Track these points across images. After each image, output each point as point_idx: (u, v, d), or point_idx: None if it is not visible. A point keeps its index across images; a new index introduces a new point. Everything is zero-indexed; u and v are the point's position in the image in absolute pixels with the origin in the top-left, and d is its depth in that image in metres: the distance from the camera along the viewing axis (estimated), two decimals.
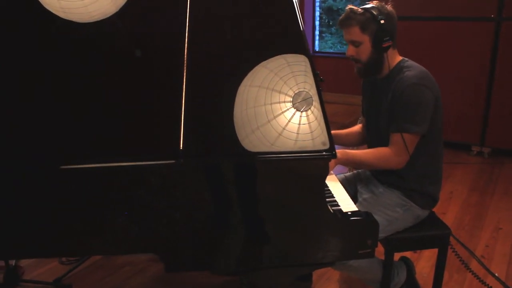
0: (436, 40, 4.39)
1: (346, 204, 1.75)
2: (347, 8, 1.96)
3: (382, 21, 1.90)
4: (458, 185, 3.80)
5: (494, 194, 3.64)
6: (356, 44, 1.96)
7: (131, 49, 1.52)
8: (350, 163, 2.05)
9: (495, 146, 4.40)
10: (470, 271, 2.24)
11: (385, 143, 1.98)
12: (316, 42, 7.20)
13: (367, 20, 1.91)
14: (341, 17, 1.97)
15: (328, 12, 7.85)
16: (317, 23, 7.13)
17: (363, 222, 1.57)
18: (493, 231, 3.06)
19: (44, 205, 1.45)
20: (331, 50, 7.71)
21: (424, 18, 4.40)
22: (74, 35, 1.49)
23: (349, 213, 1.62)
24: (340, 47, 7.69)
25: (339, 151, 1.88)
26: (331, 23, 7.87)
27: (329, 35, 7.94)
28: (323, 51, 7.36)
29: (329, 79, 5.21)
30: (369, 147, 2.16)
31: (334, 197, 1.81)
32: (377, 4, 1.95)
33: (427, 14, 4.39)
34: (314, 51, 7.11)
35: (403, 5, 4.19)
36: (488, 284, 2.29)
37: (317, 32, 7.17)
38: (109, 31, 1.50)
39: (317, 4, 7.06)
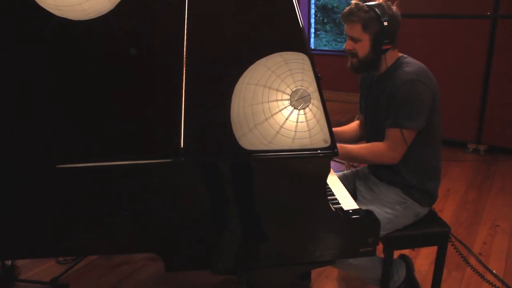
0: (432, 38, 4.39)
1: (347, 202, 1.74)
2: (352, 2, 1.93)
3: (385, 23, 1.87)
4: (455, 183, 3.80)
5: (491, 191, 3.65)
6: (355, 40, 1.94)
7: (129, 47, 1.50)
8: (345, 157, 2.03)
9: (491, 143, 4.42)
10: (471, 267, 2.24)
11: (383, 139, 1.97)
12: (312, 40, 7.19)
13: (370, 19, 1.88)
14: (345, 11, 1.93)
15: (323, 9, 7.83)
16: (312, 20, 7.12)
17: (364, 220, 1.56)
18: (490, 228, 3.06)
19: (42, 205, 1.43)
20: (326, 48, 7.69)
21: (420, 16, 4.40)
22: (71, 33, 1.47)
23: (350, 211, 1.61)
24: (335, 44, 7.67)
25: None
26: (325, 21, 7.85)
27: (324, 33, 7.92)
28: (318, 48, 7.36)
29: (324, 77, 5.19)
30: (367, 142, 2.15)
31: (334, 195, 1.80)
32: (384, 3, 1.92)
33: (423, 11, 4.39)
34: (310, 49, 7.09)
35: (399, 3, 4.18)
36: (489, 280, 2.29)
37: (312, 30, 7.16)
38: (107, 29, 1.48)
39: (312, 2, 7.05)
